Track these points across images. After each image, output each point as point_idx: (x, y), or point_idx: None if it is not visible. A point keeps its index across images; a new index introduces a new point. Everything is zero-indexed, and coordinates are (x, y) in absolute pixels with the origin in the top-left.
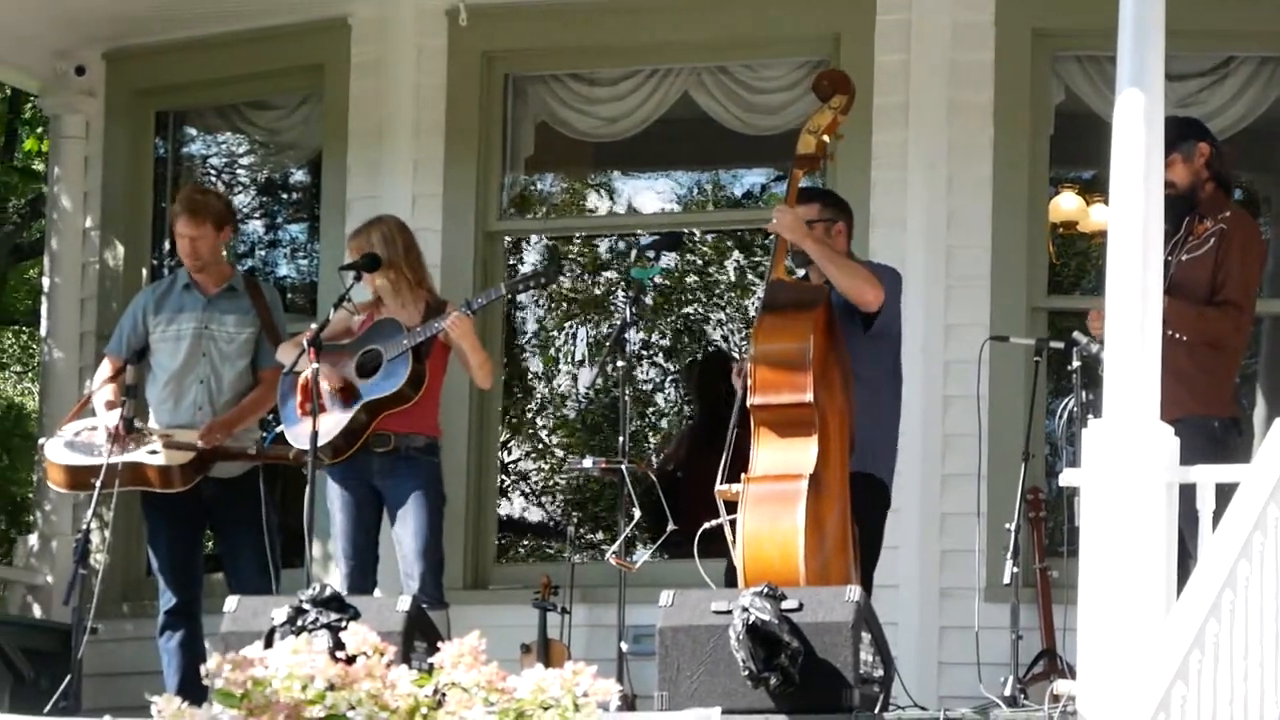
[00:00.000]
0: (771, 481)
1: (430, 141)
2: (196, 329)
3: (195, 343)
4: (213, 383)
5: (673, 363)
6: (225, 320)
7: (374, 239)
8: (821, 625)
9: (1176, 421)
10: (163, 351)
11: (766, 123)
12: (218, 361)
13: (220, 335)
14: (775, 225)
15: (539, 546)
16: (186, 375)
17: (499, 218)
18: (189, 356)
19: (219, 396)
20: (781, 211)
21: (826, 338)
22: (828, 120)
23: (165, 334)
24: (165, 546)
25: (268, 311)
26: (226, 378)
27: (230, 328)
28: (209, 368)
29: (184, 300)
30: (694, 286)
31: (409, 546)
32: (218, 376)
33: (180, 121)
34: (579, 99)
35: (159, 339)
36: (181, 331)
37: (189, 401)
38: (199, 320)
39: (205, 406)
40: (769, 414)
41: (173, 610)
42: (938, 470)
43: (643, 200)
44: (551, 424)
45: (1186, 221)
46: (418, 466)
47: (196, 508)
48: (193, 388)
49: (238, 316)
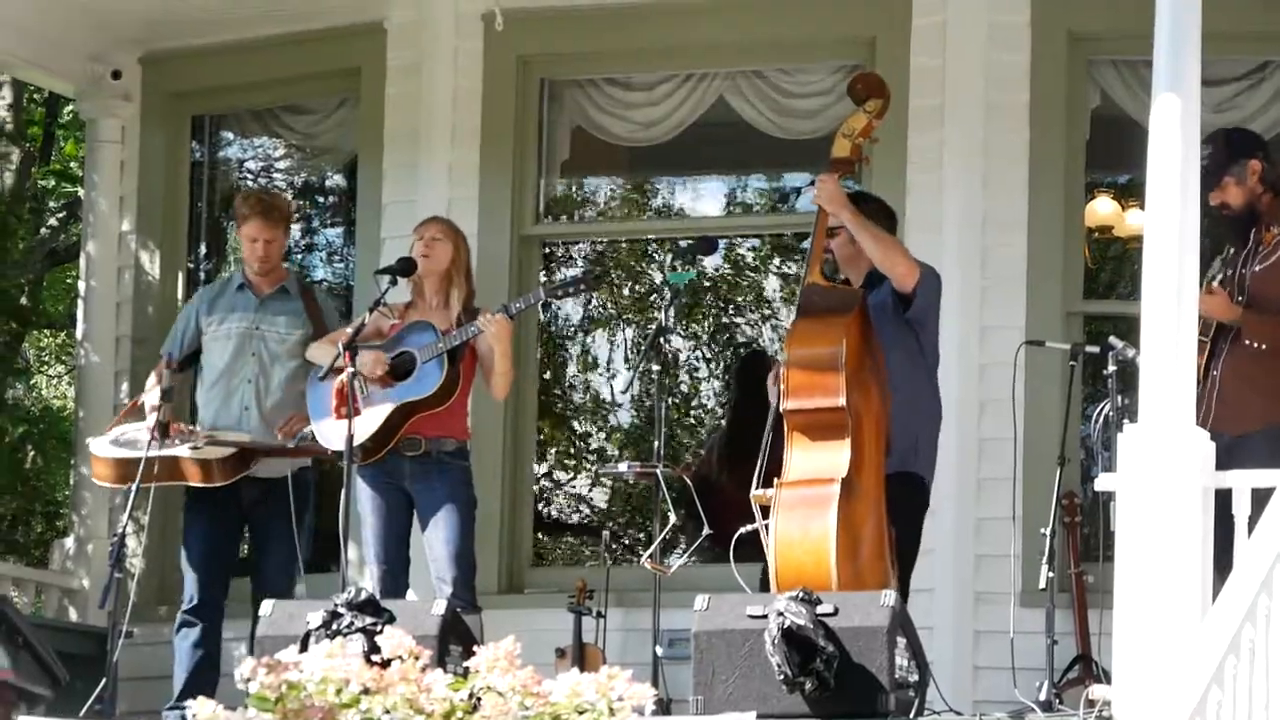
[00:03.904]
0: (804, 486)
1: (466, 145)
2: (246, 329)
3: (244, 342)
4: (260, 383)
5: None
6: (277, 321)
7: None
8: (857, 630)
9: (1259, 432)
10: (213, 351)
11: (802, 127)
12: (267, 362)
13: (271, 336)
14: (815, 195)
15: (574, 550)
16: (234, 375)
17: (534, 222)
18: (236, 356)
19: (266, 397)
20: (823, 181)
21: (861, 341)
22: (863, 124)
23: (216, 334)
24: (198, 544)
25: (320, 314)
26: (275, 378)
27: (281, 329)
28: (257, 368)
29: (236, 300)
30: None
31: (441, 551)
32: (266, 377)
33: (216, 125)
34: (614, 103)
35: (210, 338)
36: (231, 331)
37: (236, 401)
38: (250, 320)
39: (252, 407)
40: (802, 418)
41: (193, 609)
42: (973, 474)
43: (678, 205)
44: (588, 428)
45: (1254, 232)
46: (449, 470)
47: (236, 511)
48: (240, 388)
49: (289, 318)
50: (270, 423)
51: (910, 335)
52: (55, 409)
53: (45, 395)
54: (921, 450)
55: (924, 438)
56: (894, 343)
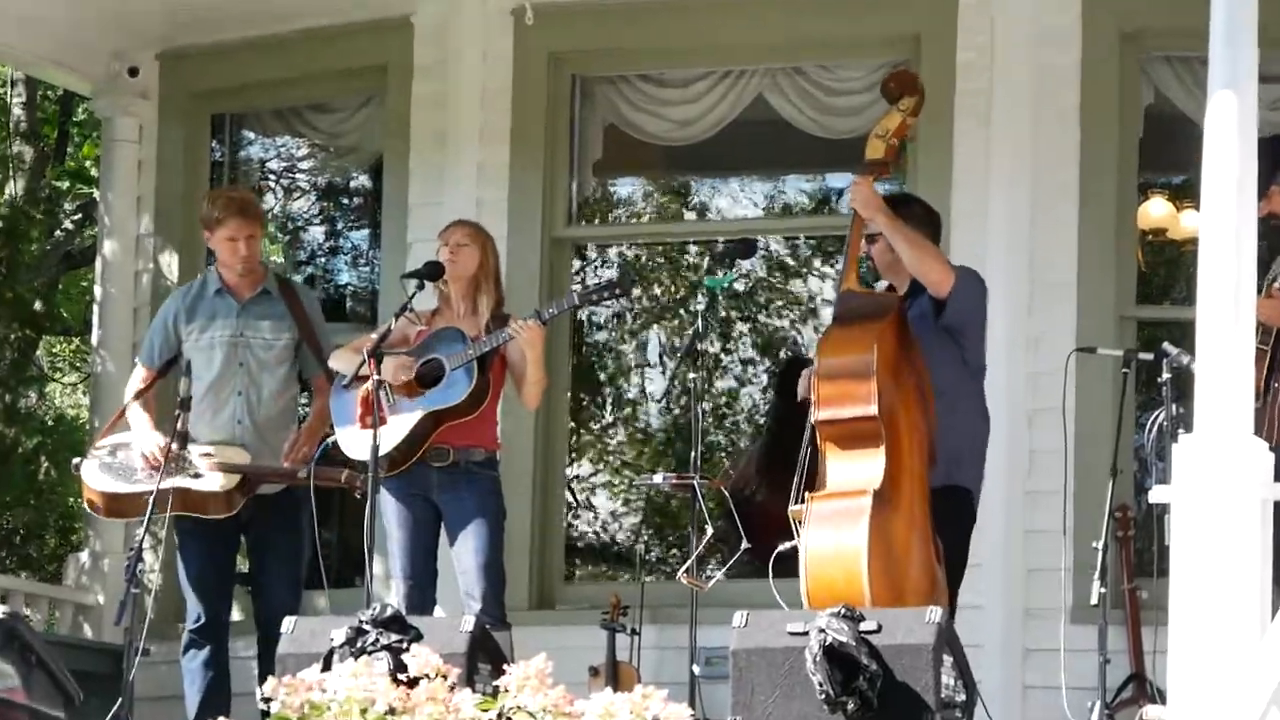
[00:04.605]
0: (835, 498)
1: (495, 145)
2: (231, 337)
3: (231, 352)
4: (252, 394)
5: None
6: (261, 327)
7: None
8: (901, 647)
9: None
10: (197, 362)
11: (844, 125)
12: (256, 371)
13: (257, 343)
14: (849, 199)
15: (608, 565)
16: (224, 387)
17: (566, 224)
18: (225, 367)
19: (259, 409)
20: (857, 185)
21: (896, 348)
22: (896, 123)
23: (198, 343)
24: (196, 561)
25: (305, 315)
26: (266, 388)
27: (266, 334)
28: (247, 378)
29: (216, 307)
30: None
31: (469, 564)
32: (257, 387)
33: (237, 124)
34: (649, 101)
35: (192, 348)
36: (215, 340)
37: (227, 415)
38: (234, 328)
39: (245, 420)
40: (834, 429)
41: (199, 629)
42: (1022, 486)
43: (715, 206)
44: (622, 437)
45: None
46: (477, 481)
47: (232, 524)
48: (231, 400)
49: (273, 322)
50: (265, 435)
51: (952, 343)
52: (69, 418)
53: (59, 404)
54: (967, 462)
55: (970, 449)
56: (937, 352)
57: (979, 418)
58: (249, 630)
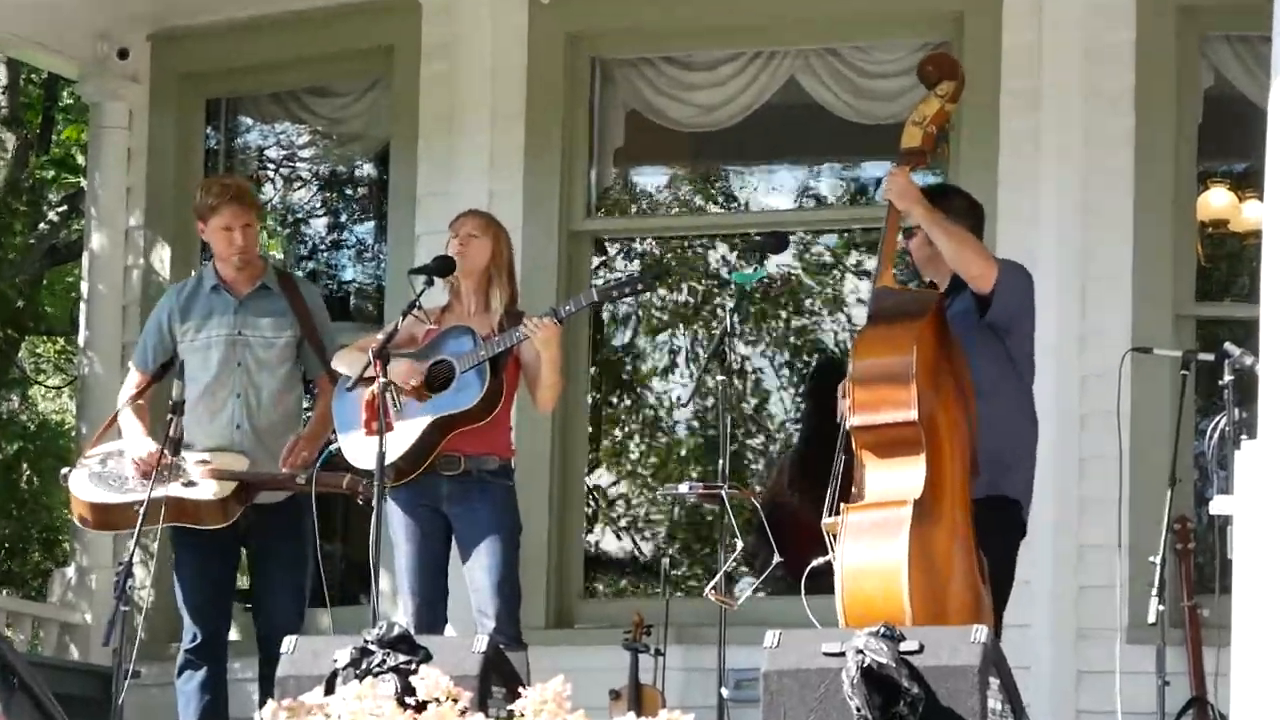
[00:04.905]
0: (872, 509)
1: (509, 132)
2: (229, 336)
3: (229, 351)
4: (251, 396)
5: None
6: (260, 324)
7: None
8: (944, 669)
9: None
10: (193, 362)
11: (882, 110)
12: (255, 371)
13: (256, 341)
14: (884, 190)
15: (630, 581)
16: (221, 388)
17: (585, 216)
18: (222, 367)
19: (259, 412)
20: (892, 174)
21: (936, 348)
22: (934, 109)
23: (195, 343)
24: (192, 577)
25: (307, 310)
26: (266, 389)
27: (267, 332)
28: (245, 379)
29: (213, 303)
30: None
31: (482, 581)
32: (256, 388)
33: (233, 109)
34: (674, 85)
35: (187, 348)
36: (212, 339)
37: (225, 419)
38: (231, 326)
39: (244, 423)
40: (870, 435)
41: (195, 649)
42: (1073, 496)
43: (745, 197)
44: (645, 444)
45: None
46: (491, 491)
47: (230, 536)
48: (229, 402)
49: (274, 319)
50: (265, 440)
51: (997, 342)
52: (54, 424)
53: (42, 409)
54: (1014, 470)
55: (1017, 456)
56: (980, 351)
57: (1026, 422)
58: (248, 651)
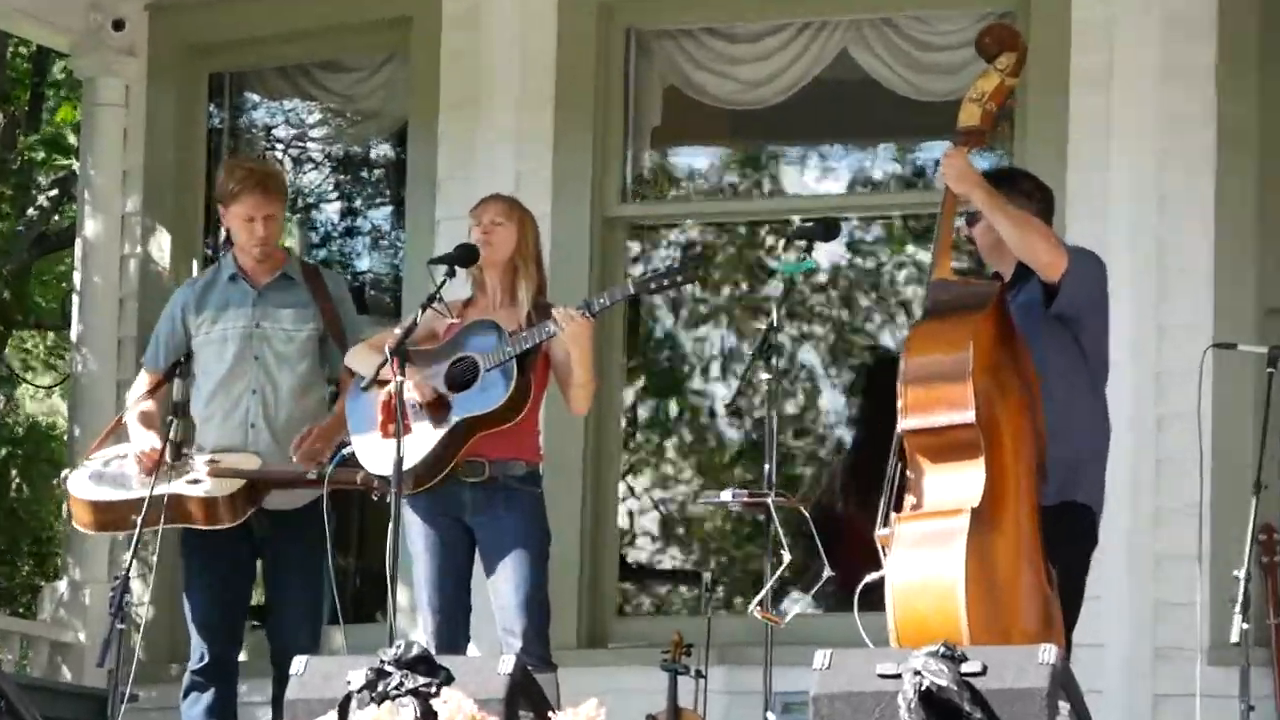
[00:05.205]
0: (926, 519)
1: (537, 110)
2: (246, 328)
3: (245, 344)
4: (268, 392)
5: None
6: (280, 316)
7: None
8: (1010, 692)
9: None
10: (207, 356)
11: (941, 86)
12: (273, 366)
13: (275, 334)
14: (940, 173)
15: (668, 596)
16: (235, 384)
17: (620, 201)
18: (238, 361)
19: (276, 410)
20: (949, 156)
21: (996, 343)
22: (994, 85)
23: (209, 336)
24: (202, 592)
25: (331, 303)
26: (284, 385)
27: (287, 324)
28: (262, 374)
29: (230, 294)
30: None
31: (508, 596)
32: (274, 385)
33: (238, 85)
34: (716, 58)
35: (202, 342)
36: (228, 332)
37: (239, 417)
38: (249, 317)
39: (259, 422)
40: (924, 439)
41: (202, 669)
42: (1149, 504)
43: (792, 180)
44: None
45: None
46: (517, 499)
47: (245, 548)
48: (244, 399)
49: (295, 310)
50: (283, 441)
51: (1067, 337)
52: (44, 426)
53: (31, 410)
54: (1085, 476)
55: (1088, 461)
56: (1048, 347)
57: (1099, 423)
58: (258, 671)
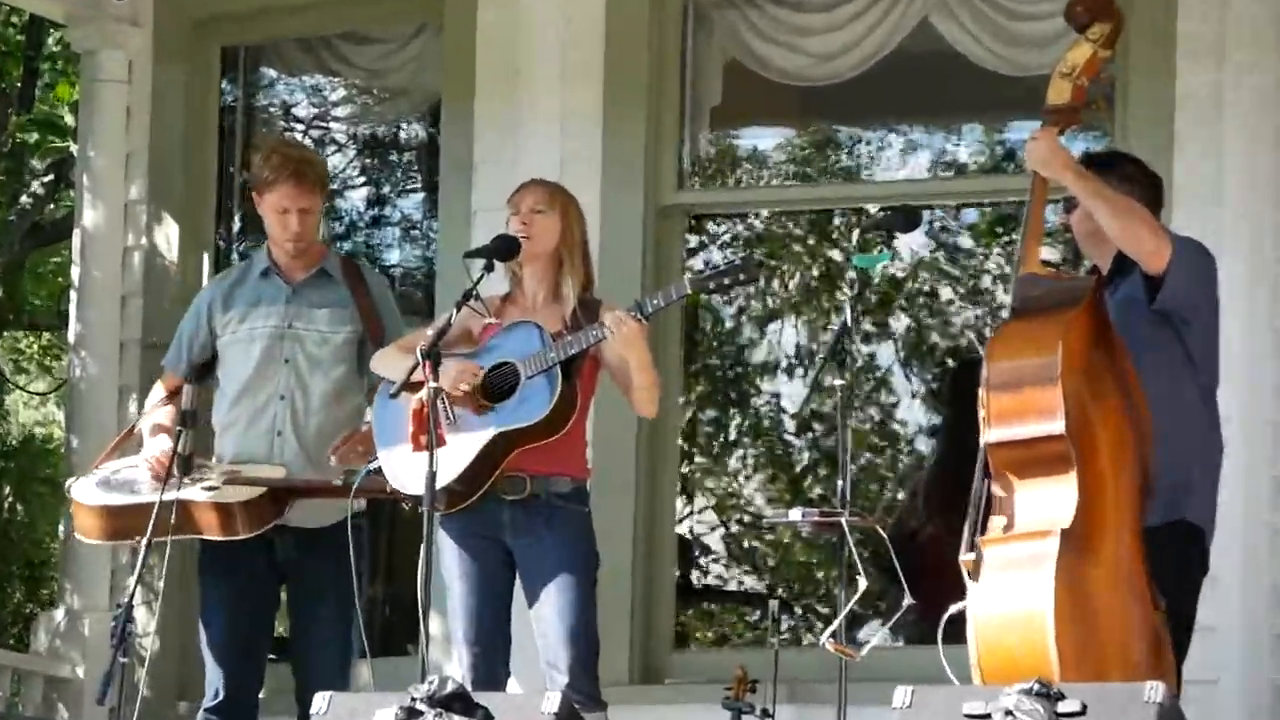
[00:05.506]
0: (1012, 543)
1: (584, 87)
2: (277, 328)
3: (274, 345)
4: (298, 399)
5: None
6: (315, 316)
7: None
8: None
9: None
10: (233, 358)
11: (1033, 60)
12: (305, 371)
13: (309, 336)
14: (1027, 156)
15: (731, 626)
16: (262, 389)
17: (676, 187)
18: (265, 363)
19: (305, 418)
20: (1035, 140)
21: (1089, 345)
22: (1086, 57)
23: (236, 336)
24: (219, 619)
25: (371, 303)
26: (316, 391)
27: (322, 325)
28: (293, 379)
29: (261, 291)
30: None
31: (553, 627)
32: (304, 391)
33: (254, 59)
34: (782, 30)
35: (229, 342)
36: (256, 331)
37: (265, 424)
38: (281, 316)
39: (286, 430)
40: (1009, 452)
41: (217, 708)
42: (1264, 523)
43: (867, 164)
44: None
45: None
46: (562, 519)
47: (268, 570)
48: (271, 406)
49: (332, 310)
50: (313, 453)
51: (1172, 337)
52: (39, 438)
53: (24, 419)
54: (1195, 492)
55: (1198, 475)
56: (1152, 348)
57: (1209, 433)
58: (280, 709)
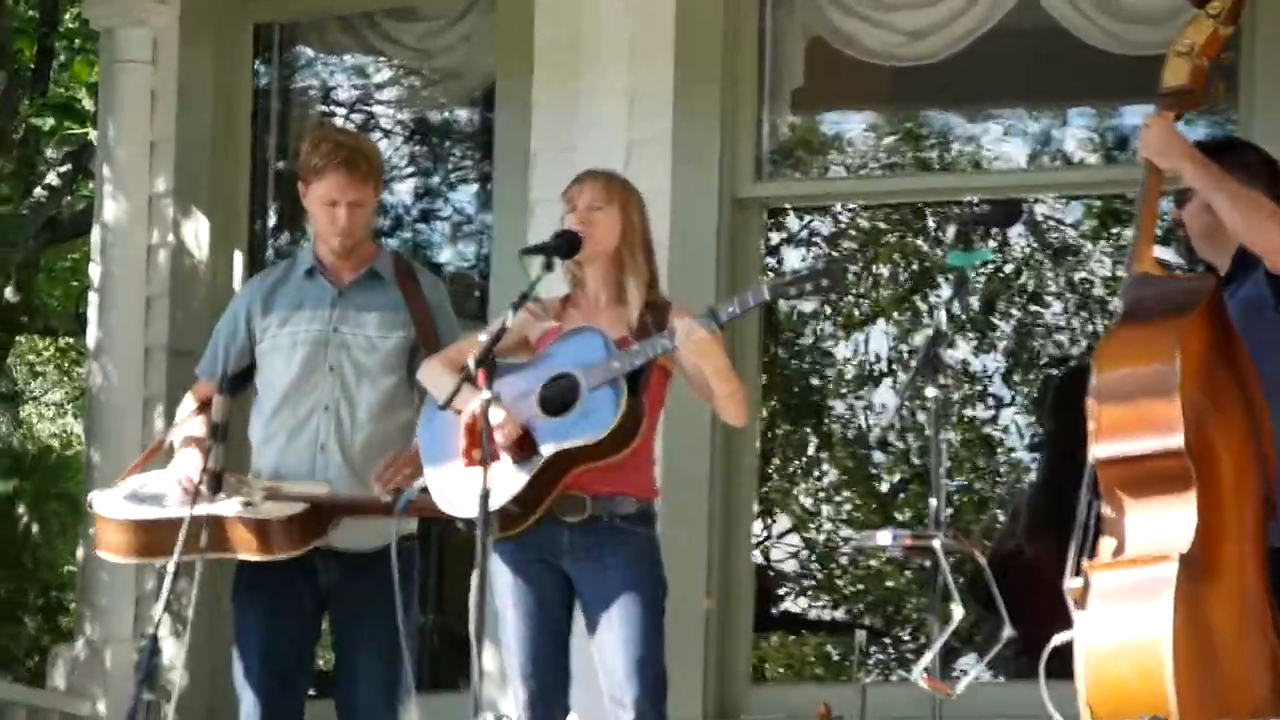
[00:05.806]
0: (1124, 568)
1: (652, 67)
2: (321, 332)
3: (318, 351)
4: (343, 410)
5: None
6: (364, 320)
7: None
8: None
9: None
10: (273, 365)
11: (1147, 37)
12: (350, 379)
13: (356, 342)
14: (1140, 143)
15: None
16: (304, 399)
17: (754, 178)
18: (308, 371)
19: (351, 431)
20: (1149, 124)
21: (1211, 352)
22: (1205, 35)
23: (277, 341)
24: (256, 648)
25: (426, 307)
26: (363, 402)
27: (370, 330)
28: (338, 388)
29: (305, 292)
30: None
31: (617, 659)
32: (350, 401)
33: (290, 38)
34: (870, 4)
35: (268, 348)
36: (298, 337)
37: (307, 437)
38: (326, 320)
39: (330, 444)
40: (1121, 469)
41: None
42: None
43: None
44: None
45: None
46: (626, 542)
47: (309, 596)
48: (314, 417)
49: (382, 314)
50: (359, 469)
51: None
52: (55, 452)
53: (40, 432)
54: None
55: None
56: (1276, 353)
57: None
58: None
